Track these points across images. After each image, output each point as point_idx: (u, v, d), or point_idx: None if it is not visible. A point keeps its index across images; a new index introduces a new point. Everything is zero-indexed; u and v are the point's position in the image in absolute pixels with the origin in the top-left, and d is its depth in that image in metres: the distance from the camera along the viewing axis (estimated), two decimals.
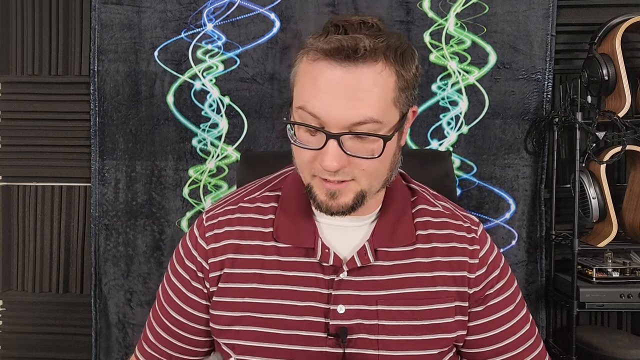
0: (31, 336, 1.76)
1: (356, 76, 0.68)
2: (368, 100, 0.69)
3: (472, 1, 1.65)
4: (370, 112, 0.68)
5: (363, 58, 0.68)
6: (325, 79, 0.69)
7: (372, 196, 0.77)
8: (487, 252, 0.84)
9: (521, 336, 0.84)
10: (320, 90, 0.69)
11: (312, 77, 0.71)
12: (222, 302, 0.80)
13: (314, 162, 0.72)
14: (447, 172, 1.18)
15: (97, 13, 1.68)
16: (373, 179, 0.75)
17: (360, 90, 0.68)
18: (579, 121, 1.47)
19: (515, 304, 0.85)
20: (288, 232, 0.80)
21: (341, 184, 0.73)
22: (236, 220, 0.83)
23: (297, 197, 0.81)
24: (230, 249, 0.81)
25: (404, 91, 0.72)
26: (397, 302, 0.78)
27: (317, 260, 0.78)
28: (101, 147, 1.70)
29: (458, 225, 0.85)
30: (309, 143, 0.72)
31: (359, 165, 0.71)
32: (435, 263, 0.81)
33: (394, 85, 0.71)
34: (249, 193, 0.87)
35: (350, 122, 0.68)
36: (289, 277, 0.79)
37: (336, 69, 0.68)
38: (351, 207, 0.74)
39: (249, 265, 0.80)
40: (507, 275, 0.86)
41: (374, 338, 0.76)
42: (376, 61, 0.69)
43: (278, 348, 0.76)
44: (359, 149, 0.70)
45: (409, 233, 0.82)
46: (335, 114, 0.68)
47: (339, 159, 0.69)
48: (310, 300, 0.77)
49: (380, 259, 0.80)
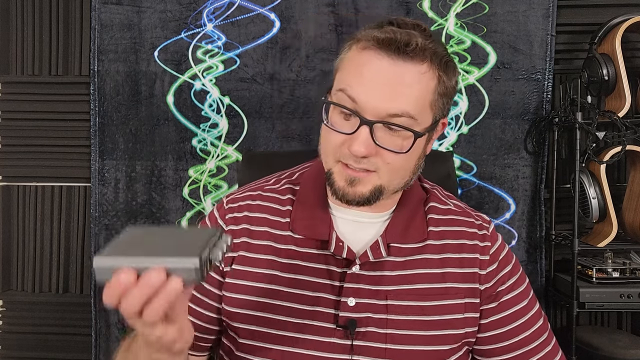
0: (31, 336, 1.76)
1: (401, 70, 0.71)
2: (408, 96, 0.71)
3: (472, 1, 1.65)
4: (408, 107, 0.71)
5: (412, 55, 0.71)
6: (371, 67, 0.71)
7: (390, 194, 0.79)
8: (498, 248, 0.85)
9: (534, 331, 0.84)
10: (364, 77, 0.72)
11: (358, 64, 0.73)
12: (234, 284, 0.81)
13: (342, 146, 0.74)
14: (448, 172, 1.19)
15: (97, 13, 1.68)
16: (395, 176, 0.76)
17: (403, 85, 0.71)
18: (579, 121, 1.47)
19: (527, 299, 0.85)
20: (304, 224, 0.82)
21: (362, 173, 0.74)
22: (256, 207, 0.85)
23: (314, 191, 0.83)
24: (247, 233, 0.82)
25: (442, 97, 0.75)
26: (406, 297, 0.79)
27: (331, 252, 0.79)
28: (101, 147, 1.70)
29: (469, 222, 0.86)
30: (342, 127, 0.74)
31: (385, 159, 0.73)
32: (446, 259, 0.82)
33: (434, 88, 0.73)
34: (269, 184, 0.89)
35: (387, 113, 0.71)
36: (301, 266, 0.80)
37: (384, 59, 0.71)
38: (367, 198, 0.75)
39: (263, 251, 0.81)
40: (519, 272, 0.87)
41: (382, 332, 0.77)
42: (422, 61, 0.72)
43: (285, 335, 0.77)
44: (388, 141, 0.72)
45: (421, 229, 0.83)
46: (373, 102, 0.70)
47: (367, 146, 0.71)
48: (321, 292, 0.78)
49: (393, 255, 0.81)
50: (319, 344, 0.77)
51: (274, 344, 0.77)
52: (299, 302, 0.78)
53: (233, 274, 0.81)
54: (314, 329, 0.77)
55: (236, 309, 0.80)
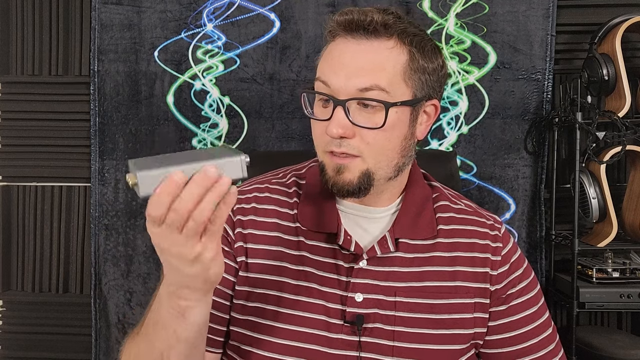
0: (31, 336, 1.76)
1: (366, 47, 0.73)
2: (375, 69, 0.72)
3: (472, 1, 1.65)
4: (377, 80, 0.72)
5: (375, 32, 0.73)
6: (338, 51, 0.75)
7: (383, 181, 0.78)
8: (510, 250, 0.84)
9: (541, 340, 0.83)
10: (333, 60, 0.75)
11: (329, 51, 0.77)
12: (243, 277, 0.80)
13: (325, 134, 0.75)
14: (452, 172, 1.18)
15: (97, 13, 1.68)
16: (380, 157, 0.75)
17: (369, 61, 0.73)
18: (579, 121, 1.47)
19: (537, 306, 0.84)
20: (312, 217, 0.81)
21: (347, 159, 0.75)
22: (264, 199, 0.84)
23: (321, 184, 0.82)
24: (255, 224, 0.82)
25: (417, 72, 0.75)
26: (415, 294, 0.78)
27: (339, 245, 0.79)
28: (101, 147, 1.70)
29: (481, 222, 0.85)
30: (323, 115, 0.75)
31: (365, 138, 0.73)
32: (456, 258, 0.81)
33: (405, 63, 0.74)
34: (277, 177, 0.89)
35: (356, 88, 0.72)
36: (310, 259, 0.79)
37: (349, 41, 0.74)
38: (357, 185, 0.75)
39: (272, 242, 0.81)
40: (530, 277, 0.85)
41: (389, 329, 0.77)
42: (389, 38, 0.74)
43: (294, 330, 0.77)
44: (364, 119, 0.73)
45: (430, 226, 0.82)
46: (342, 81, 0.72)
47: (343, 126, 0.72)
48: (328, 286, 0.78)
49: (401, 250, 0.80)
50: (327, 340, 0.76)
51: (281, 338, 0.77)
52: (306, 295, 0.78)
53: (242, 266, 0.81)
54: (321, 324, 0.76)
55: (243, 301, 0.79)
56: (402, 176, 0.82)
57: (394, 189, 0.82)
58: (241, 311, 0.80)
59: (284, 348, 0.76)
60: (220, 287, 0.80)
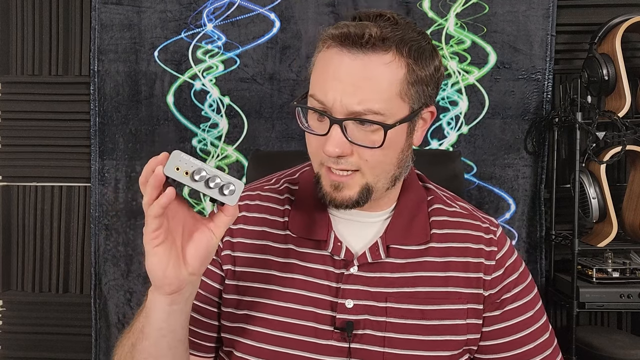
0: (31, 336, 1.76)
1: (363, 63, 0.69)
2: (371, 89, 0.69)
3: (472, 1, 1.65)
4: (371, 104, 0.69)
5: (372, 46, 0.69)
6: (333, 65, 0.71)
7: (381, 192, 0.77)
8: (505, 254, 0.82)
9: (537, 345, 0.81)
10: (328, 75, 0.71)
11: (323, 64, 0.73)
12: (231, 285, 0.80)
13: (320, 148, 0.73)
14: (455, 172, 1.16)
15: (97, 13, 1.68)
16: (378, 172, 0.74)
17: (364, 78, 0.69)
18: (579, 121, 1.47)
19: (534, 311, 0.82)
20: (302, 224, 0.81)
21: (346, 177, 0.73)
22: (254, 207, 0.83)
23: (313, 190, 0.81)
24: (246, 233, 0.82)
25: (414, 86, 0.72)
26: (407, 300, 0.77)
27: (329, 252, 0.78)
28: (101, 147, 1.70)
29: (476, 225, 0.83)
30: (318, 129, 0.73)
31: (363, 155, 0.72)
32: (449, 263, 0.80)
33: (403, 78, 0.71)
34: (269, 183, 0.88)
35: (352, 108, 0.69)
36: (299, 266, 0.79)
37: (345, 55, 0.70)
38: (356, 201, 0.74)
39: (261, 251, 0.80)
40: (527, 281, 0.83)
41: (380, 335, 0.76)
42: (386, 51, 0.70)
43: (282, 336, 0.76)
44: (362, 137, 0.71)
45: (423, 231, 0.81)
46: (339, 99, 0.69)
47: (341, 145, 0.70)
48: (318, 292, 0.77)
49: (392, 256, 0.79)
50: (317, 346, 0.76)
51: (271, 344, 0.77)
52: (296, 302, 0.77)
53: (230, 274, 0.81)
54: (311, 331, 0.76)
55: (233, 309, 0.79)
56: (398, 182, 0.81)
57: (390, 195, 0.81)
58: (231, 318, 0.80)
59: (273, 354, 0.76)
60: (204, 292, 0.81)
